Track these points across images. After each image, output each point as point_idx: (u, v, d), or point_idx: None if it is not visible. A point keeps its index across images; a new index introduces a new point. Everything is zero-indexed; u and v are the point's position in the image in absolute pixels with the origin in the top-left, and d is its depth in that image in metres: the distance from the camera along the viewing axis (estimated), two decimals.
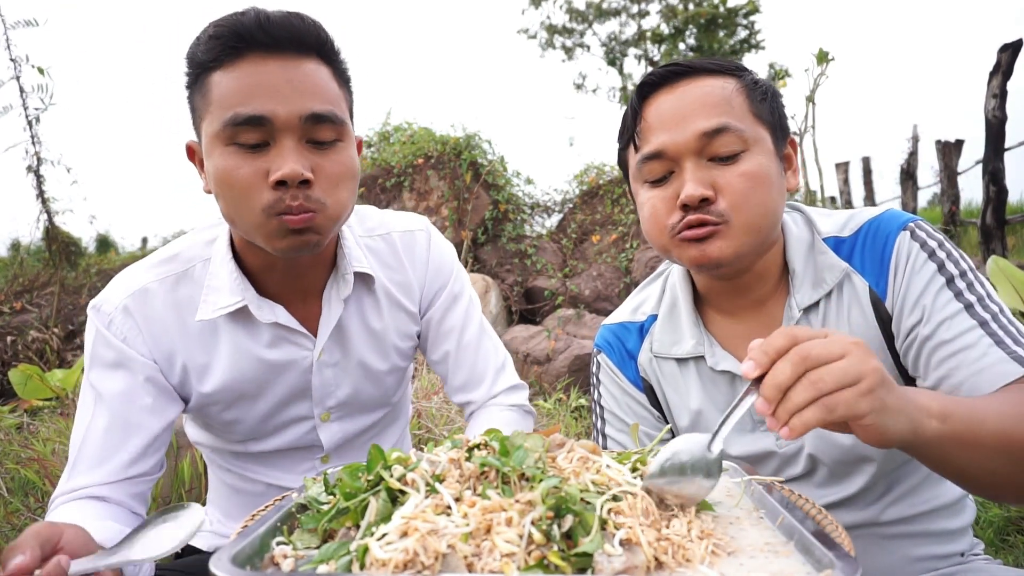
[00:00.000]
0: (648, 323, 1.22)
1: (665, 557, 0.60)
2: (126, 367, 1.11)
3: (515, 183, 6.52)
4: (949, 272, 0.99)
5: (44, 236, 6.22)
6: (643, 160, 1.04)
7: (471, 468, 0.71)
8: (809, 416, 0.67)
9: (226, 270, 1.13)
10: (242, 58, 0.99)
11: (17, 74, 5.65)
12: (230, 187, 1.00)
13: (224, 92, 0.99)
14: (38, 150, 5.89)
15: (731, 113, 1.00)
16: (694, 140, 1.00)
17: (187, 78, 1.05)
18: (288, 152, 0.99)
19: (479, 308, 1.40)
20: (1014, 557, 2.15)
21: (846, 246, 1.07)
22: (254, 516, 0.76)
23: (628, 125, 1.09)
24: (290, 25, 1.00)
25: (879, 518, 1.08)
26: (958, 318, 0.95)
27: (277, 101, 0.98)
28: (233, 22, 0.99)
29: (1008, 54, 5.82)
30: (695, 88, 1.02)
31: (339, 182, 1.04)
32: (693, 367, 1.15)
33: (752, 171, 0.99)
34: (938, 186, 9.60)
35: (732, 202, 0.99)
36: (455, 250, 1.41)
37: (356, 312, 1.24)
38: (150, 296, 1.13)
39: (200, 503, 1.09)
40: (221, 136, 0.99)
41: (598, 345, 1.27)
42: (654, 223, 1.05)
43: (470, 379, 1.34)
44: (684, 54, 20.57)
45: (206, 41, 1.00)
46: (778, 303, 1.10)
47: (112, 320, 1.11)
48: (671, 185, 1.03)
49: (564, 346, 4.80)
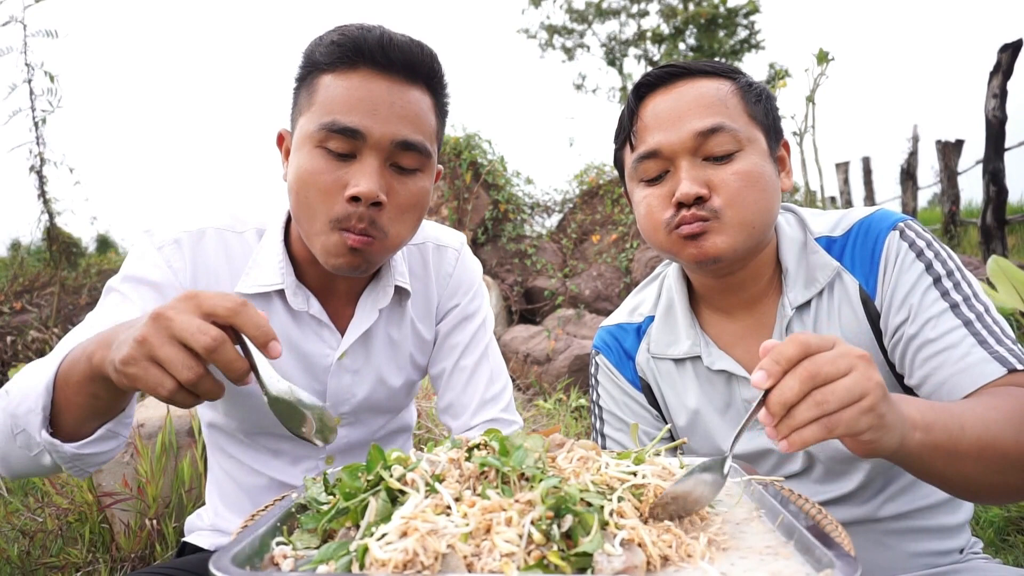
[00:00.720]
0: (645, 324, 1.23)
1: (669, 551, 0.61)
2: (160, 292, 1.10)
3: (515, 183, 6.53)
4: (936, 272, 1.00)
5: (45, 236, 6.22)
6: (639, 159, 1.06)
7: (471, 468, 0.71)
8: (809, 434, 0.67)
9: (275, 250, 1.16)
10: (356, 70, 1.03)
11: (29, 78, 5.72)
12: (307, 187, 1.03)
13: (330, 97, 1.03)
14: (42, 151, 5.91)
15: (726, 113, 1.02)
16: (689, 139, 1.01)
17: (299, 71, 1.09)
18: (370, 170, 1.02)
19: (490, 333, 1.39)
20: (1014, 557, 2.15)
21: (837, 245, 1.09)
22: (254, 516, 0.76)
23: (625, 125, 1.10)
24: (409, 52, 1.04)
25: (876, 514, 1.08)
26: (943, 317, 0.96)
27: (375, 119, 1.02)
28: (358, 35, 1.03)
29: (1008, 54, 5.82)
30: (691, 89, 1.04)
31: (408, 210, 1.08)
32: (690, 367, 1.16)
33: (746, 170, 1.01)
34: (938, 186, 9.61)
35: (726, 199, 1.00)
36: (482, 271, 1.42)
37: (385, 323, 1.26)
38: (205, 239, 1.16)
39: (200, 503, 1.09)
40: (314, 137, 1.03)
41: (596, 347, 1.28)
42: (650, 221, 1.07)
43: (453, 404, 1.32)
44: (684, 54, 20.57)
45: (327, 45, 1.04)
46: (771, 301, 1.12)
47: (163, 246, 1.13)
48: (666, 184, 1.04)
49: (564, 346, 4.80)
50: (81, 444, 0.88)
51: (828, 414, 0.67)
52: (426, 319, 1.32)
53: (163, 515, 2.29)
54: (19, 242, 7.12)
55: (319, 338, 1.20)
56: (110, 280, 1.13)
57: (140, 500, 2.27)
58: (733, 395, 1.13)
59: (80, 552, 2.28)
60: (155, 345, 0.70)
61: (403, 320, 1.28)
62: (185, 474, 2.35)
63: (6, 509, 2.60)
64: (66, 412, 0.86)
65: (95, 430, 0.89)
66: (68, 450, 0.87)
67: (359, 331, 1.21)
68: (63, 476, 2.47)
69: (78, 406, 0.85)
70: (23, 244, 6.90)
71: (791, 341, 0.70)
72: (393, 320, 1.27)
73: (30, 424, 0.85)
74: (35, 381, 0.86)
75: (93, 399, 0.84)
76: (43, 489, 2.60)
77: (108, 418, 0.90)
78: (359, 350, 1.23)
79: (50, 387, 0.85)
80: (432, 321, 1.34)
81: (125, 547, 2.25)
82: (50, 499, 2.48)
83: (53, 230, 6.21)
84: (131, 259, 1.14)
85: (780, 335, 1.09)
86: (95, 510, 2.36)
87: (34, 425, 0.85)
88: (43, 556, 2.27)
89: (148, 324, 0.71)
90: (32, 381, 0.86)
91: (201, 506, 1.38)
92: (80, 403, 0.85)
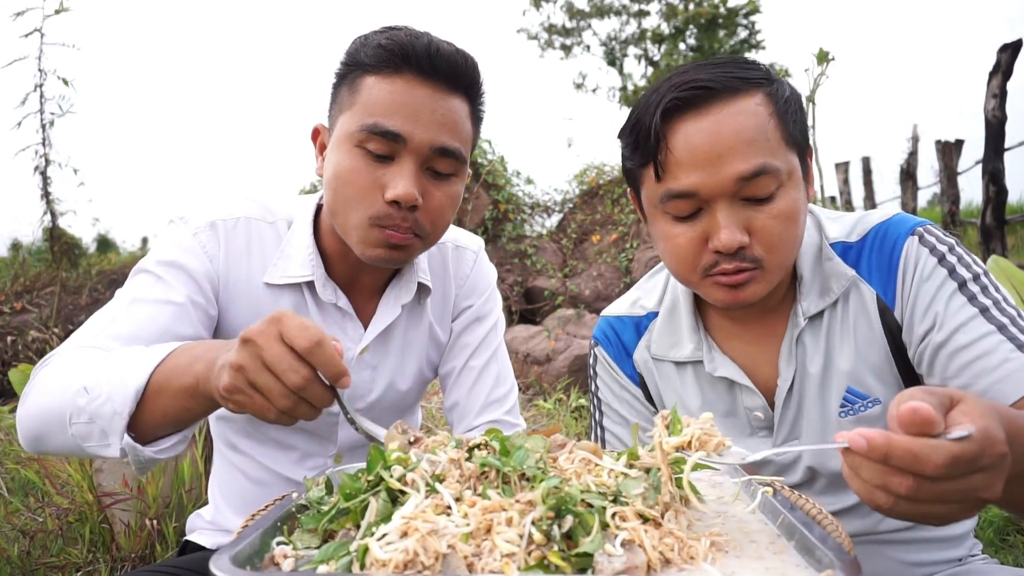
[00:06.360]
0: (647, 320, 1.21)
1: (671, 554, 0.61)
2: (195, 278, 1.11)
3: (515, 183, 6.52)
4: (960, 276, 0.96)
5: (47, 236, 6.22)
6: (670, 197, 0.97)
7: (471, 468, 0.71)
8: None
9: (304, 243, 1.18)
10: (400, 74, 1.05)
11: (41, 82, 5.75)
12: (346, 186, 1.06)
13: (373, 98, 1.04)
14: (47, 152, 5.92)
15: (767, 148, 0.93)
16: (730, 184, 0.93)
17: (341, 67, 1.11)
18: (409, 174, 1.05)
19: (501, 336, 1.40)
20: (1014, 557, 2.15)
21: (853, 252, 1.05)
22: (254, 516, 0.76)
23: (648, 146, 0.98)
24: (453, 62, 1.07)
25: (878, 527, 1.07)
26: (974, 323, 0.93)
27: (416, 125, 1.04)
28: (406, 41, 1.04)
29: (1008, 54, 5.82)
30: (728, 118, 0.93)
31: (442, 213, 1.11)
32: (691, 371, 1.14)
33: (786, 210, 0.95)
34: (938, 186, 9.61)
35: (767, 245, 0.95)
36: (496, 276, 1.45)
37: (405, 321, 1.28)
38: (239, 227, 1.18)
39: (201, 503, 1.09)
40: (354, 137, 1.05)
41: (596, 337, 1.26)
42: (680, 262, 1.00)
43: (459, 404, 1.34)
44: (684, 54, 20.55)
45: (374, 47, 1.06)
46: (784, 309, 1.09)
47: (199, 232, 1.15)
48: (699, 224, 0.97)
49: (564, 346, 4.80)
50: (160, 449, 0.91)
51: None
52: (442, 320, 1.34)
53: (163, 515, 2.29)
54: (19, 242, 7.12)
55: (342, 331, 1.21)
56: (140, 262, 1.14)
57: (140, 500, 2.27)
58: (736, 402, 1.11)
59: (80, 552, 2.28)
60: (252, 372, 0.76)
61: (422, 319, 1.30)
62: (185, 474, 2.35)
63: (6, 509, 2.59)
64: (149, 417, 0.89)
65: (170, 434, 0.93)
66: (148, 454, 0.90)
67: (382, 325, 1.22)
68: (63, 476, 2.48)
69: (165, 415, 0.89)
70: (24, 244, 6.90)
71: (935, 451, 0.56)
72: (413, 319, 1.29)
73: (112, 425, 0.88)
74: (122, 383, 0.88)
75: (186, 412, 0.88)
76: (43, 489, 2.60)
77: (187, 426, 0.93)
78: (379, 347, 1.25)
79: (140, 393, 0.87)
80: (448, 322, 1.35)
81: (125, 547, 2.25)
82: (50, 499, 2.48)
83: (55, 230, 6.21)
84: (164, 244, 1.14)
85: (790, 345, 1.06)
86: (95, 510, 2.35)
87: (116, 427, 0.87)
88: (43, 556, 2.27)
89: (241, 351, 0.76)
90: (118, 382, 0.88)
91: (202, 505, 1.38)
92: (170, 412, 0.88)
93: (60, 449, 0.96)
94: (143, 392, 0.87)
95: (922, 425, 0.57)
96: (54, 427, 0.92)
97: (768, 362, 1.09)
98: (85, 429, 0.89)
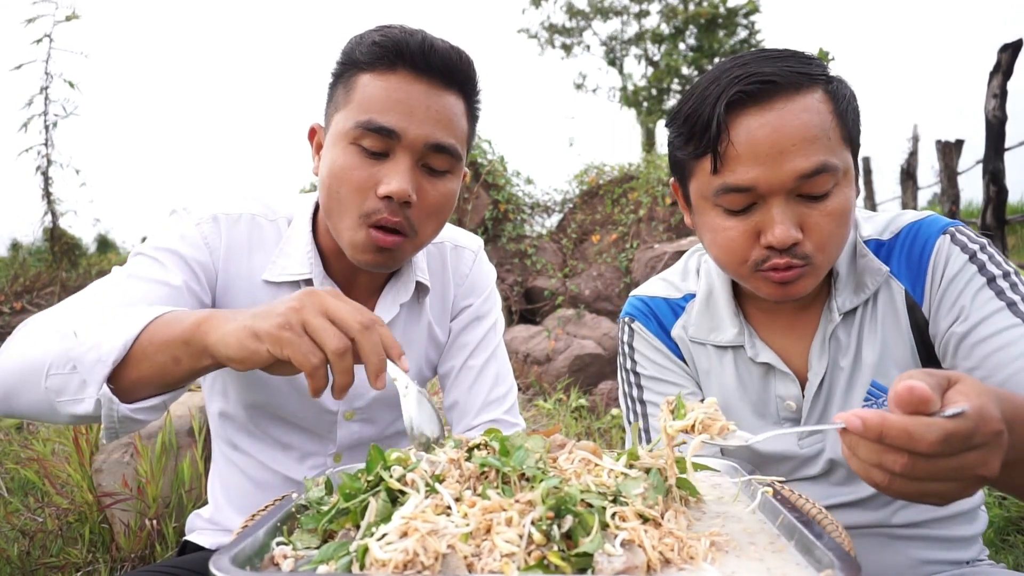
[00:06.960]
0: (684, 301, 1.20)
1: (671, 554, 0.61)
2: (192, 268, 1.11)
3: (515, 183, 6.52)
4: (991, 272, 0.98)
5: (47, 237, 6.23)
6: (727, 191, 0.96)
7: (471, 468, 0.71)
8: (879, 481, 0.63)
9: (303, 241, 1.18)
10: (395, 72, 1.05)
11: (47, 84, 5.77)
12: (340, 183, 1.06)
13: (368, 96, 1.05)
14: (49, 152, 5.93)
15: (827, 147, 0.93)
16: (790, 180, 0.93)
17: (336, 67, 1.11)
18: (403, 170, 1.04)
19: (500, 336, 1.40)
20: (1014, 557, 2.15)
21: (885, 248, 1.07)
22: (254, 516, 0.76)
23: (707, 138, 0.96)
24: (448, 59, 1.07)
25: (890, 520, 1.08)
26: (998, 315, 0.94)
27: (411, 121, 1.04)
28: (399, 38, 1.05)
29: (1008, 54, 5.82)
30: (791, 114, 0.93)
31: (436, 211, 1.11)
32: (731, 355, 1.15)
33: (839, 208, 0.95)
34: (938, 186, 9.61)
35: (818, 243, 0.95)
36: (495, 276, 1.45)
37: (404, 320, 1.28)
38: (241, 223, 1.18)
39: (201, 503, 1.09)
40: (349, 134, 1.05)
41: (629, 313, 1.24)
42: (731, 255, 1.00)
43: (458, 403, 1.34)
44: (684, 54, 20.56)
45: (368, 45, 1.06)
46: (819, 303, 1.10)
47: (201, 223, 1.15)
48: (752, 218, 0.97)
49: (564, 346, 4.80)
50: (136, 408, 0.89)
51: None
52: (441, 319, 1.34)
53: (163, 515, 2.29)
54: (19, 242, 7.12)
55: None
56: (139, 246, 1.13)
57: (140, 500, 2.27)
58: (768, 388, 1.12)
59: (80, 552, 2.28)
60: (310, 313, 0.77)
61: (420, 319, 1.30)
62: (185, 474, 2.35)
63: (6, 509, 2.60)
64: (134, 371, 0.87)
65: (149, 397, 0.90)
66: (124, 410, 0.87)
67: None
68: (63, 476, 2.48)
69: (150, 367, 0.86)
70: (24, 244, 6.90)
71: (928, 430, 0.57)
72: (411, 318, 1.29)
73: (93, 373, 0.85)
74: (112, 333, 0.86)
75: (173, 364, 0.85)
76: (43, 489, 2.60)
77: (168, 390, 0.91)
78: None
79: (128, 344, 0.85)
80: (447, 321, 1.36)
81: (125, 547, 2.25)
82: (50, 499, 2.48)
83: (56, 230, 6.21)
84: (165, 232, 1.14)
85: (823, 340, 1.07)
86: (95, 510, 2.36)
87: (97, 375, 0.85)
88: (43, 556, 2.27)
89: (302, 296, 0.79)
90: (108, 332, 0.86)
91: (202, 505, 1.38)
92: (156, 364, 0.86)
93: (28, 408, 0.92)
94: (132, 344, 0.85)
95: (918, 404, 0.58)
96: (29, 381, 0.89)
97: (799, 356, 1.11)
98: (62, 380, 0.87)
